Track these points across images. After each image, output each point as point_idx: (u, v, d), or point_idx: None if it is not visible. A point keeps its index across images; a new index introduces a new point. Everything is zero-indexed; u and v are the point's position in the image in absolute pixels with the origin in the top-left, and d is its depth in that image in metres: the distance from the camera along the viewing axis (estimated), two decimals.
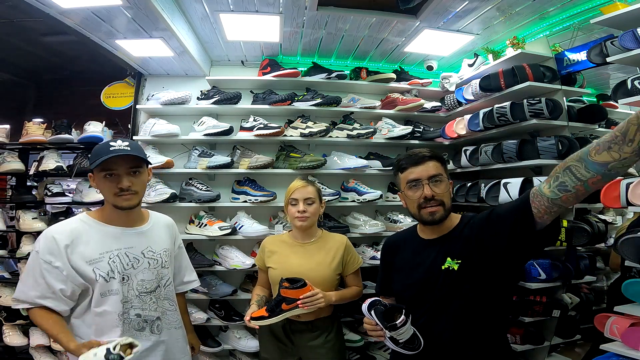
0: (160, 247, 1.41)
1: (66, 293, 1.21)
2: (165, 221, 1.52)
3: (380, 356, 2.40)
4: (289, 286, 1.53)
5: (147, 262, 1.34)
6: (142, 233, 1.38)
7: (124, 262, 1.29)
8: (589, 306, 2.23)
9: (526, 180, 1.98)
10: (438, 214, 1.23)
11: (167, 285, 1.41)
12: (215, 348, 2.34)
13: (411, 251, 1.35)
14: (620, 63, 1.71)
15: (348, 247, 1.79)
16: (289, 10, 2.08)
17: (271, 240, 1.87)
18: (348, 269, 1.77)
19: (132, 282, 1.29)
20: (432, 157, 1.27)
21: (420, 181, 1.24)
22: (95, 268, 1.23)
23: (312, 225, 1.78)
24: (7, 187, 3.37)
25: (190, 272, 1.62)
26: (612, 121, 2.92)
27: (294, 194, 1.73)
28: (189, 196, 2.41)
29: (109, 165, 1.23)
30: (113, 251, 1.28)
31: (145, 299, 1.32)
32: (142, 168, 1.32)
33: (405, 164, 1.28)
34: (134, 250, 1.32)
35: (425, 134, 2.67)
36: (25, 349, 2.43)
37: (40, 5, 1.76)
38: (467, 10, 2.07)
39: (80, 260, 1.22)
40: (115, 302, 1.25)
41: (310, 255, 1.73)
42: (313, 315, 1.65)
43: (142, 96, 2.74)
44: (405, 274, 1.34)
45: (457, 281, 1.18)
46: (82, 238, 1.25)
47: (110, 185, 1.25)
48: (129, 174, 1.27)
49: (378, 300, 1.25)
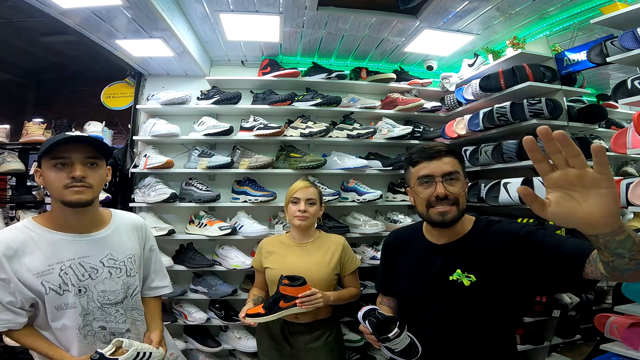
0: (124, 254, 1.23)
1: (16, 305, 1.08)
2: (133, 222, 1.33)
3: (380, 356, 2.40)
4: (289, 283, 1.51)
5: (107, 271, 1.18)
6: (100, 240, 1.19)
7: (79, 273, 1.12)
8: (589, 306, 2.23)
9: (526, 180, 1.98)
10: (449, 215, 1.11)
11: (134, 295, 1.26)
12: (215, 348, 2.34)
13: (416, 254, 1.25)
14: (620, 63, 1.71)
15: (345, 248, 1.78)
16: (289, 10, 2.08)
17: (269, 241, 1.86)
18: (346, 269, 1.76)
19: (91, 293, 1.14)
20: (449, 153, 1.16)
21: (433, 178, 1.13)
22: (44, 281, 1.08)
23: (311, 226, 1.79)
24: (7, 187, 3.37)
25: (162, 278, 1.42)
26: (612, 121, 2.92)
27: (297, 193, 1.74)
28: (189, 196, 2.41)
29: (61, 152, 1.07)
30: (64, 262, 1.11)
31: (109, 310, 1.18)
32: (101, 161, 1.15)
33: (417, 157, 1.16)
34: (91, 260, 1.15)
35: (425, 134, 2.67)
36: (25, 349, 2.42)
37: (40, 5, 1.76)
38: (467, 10, 2.07)
39: (27, 272, 1.07)
40: (74, 315, 1.12)
41: (308, 255, 1.73)
42: (311, 317, 1.64)
43: (142, 96, 2.74)
44: (407, 278, 1.25)
45: (466, 296, 1.09)
46: (28, 247, 1.09)
47: (61, 175, 1.07)
48: (84, 164, 1.10)
49: (373, 310, 1.19)
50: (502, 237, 1.08)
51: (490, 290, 1.07)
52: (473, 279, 1.09)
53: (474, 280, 1.08)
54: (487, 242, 1.10)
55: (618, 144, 1.70)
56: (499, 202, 2.05)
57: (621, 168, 2.99)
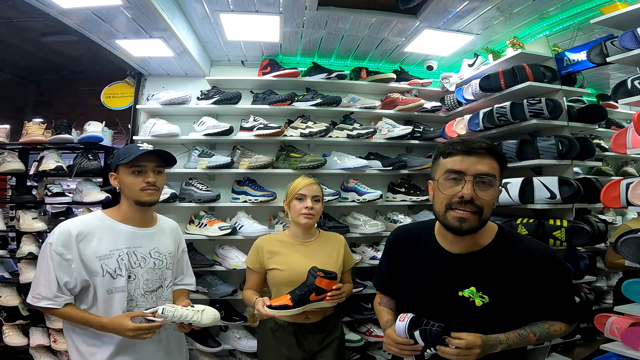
0: (166, 249, 1.46)
1: (69, 286, 1.26)
2: (171, 225, 1.57)
3: (380, 356, 2.40)
4: (324, 276, 1.48)
5: (152, 262, 1.40)
6: (150, 234, 1.43)
7: (132, 261, 1.34)
8: (589, 306, 2.23)
9: (526, 180, 1.98)
10: (468, 222, 0.97)
11: (168, 287, 1.46)
12: (215, 348, 2.33)
13: (424, 258, 1.13)
14: (620, 63, 1.71)
15: (346, 246, 1.82)
16: (289, 10, 2.08)
17: (267, 240, 1.77)
18: (345, 267, 1.79)
19: (138, 280, 1.35)
20: (491, 152, 0.99)
21: (463, 175, 0.97)
22: (103, 264, 1.28)
23: (314, 224, 1.79)
24: (7, 187, 3.38)
25: (190, 277, 1.64)
26: (612, 121, 2.93)
27: (302, 190, 1.69)
28: (189, 196, 2.41)
29: (139, 161, 1.31)
30: (123, 249, 1.33)
31: (148, 297, 1.37)
32: (164, 169, 1.42)
33: (453, 149, 1.00)
34: (142, 250, 1.38)
35: (425, 134, 2.67)
36: (25, 349, 2.42)
37: (40, 5, 1.76)
38: (467, 10, 2.07)
39: (91, 255, 1.28)
40: (121, 299, 1.30)
41: (314, 255, 1.71)
42: (320, 315, 1.64)
43: (142, 96, 2.74)
44: (412, 283, 1.15)
45: (476, 317, 1.01)
46: (96, 234, 1.31)
47: (138, 180, 1.33)
48: (154, 171, 1.36)
49: (419, 318, 1.01)
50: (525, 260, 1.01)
51: (502, 313, 1.00)
52: (487, 300, 1.00)
53: (487, 301, 1.00)
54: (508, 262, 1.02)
55: (618, 144, 1.70)
56: (499, 202, 2.05)
57: (621, 168, 3.00)
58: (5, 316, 2.41)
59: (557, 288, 1.05)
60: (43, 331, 2.39)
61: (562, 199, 1.88)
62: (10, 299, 2.37)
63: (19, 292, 2.39)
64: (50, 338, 2.36)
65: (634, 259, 1.48)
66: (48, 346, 2.36)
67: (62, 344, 2.30)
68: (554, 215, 2.00)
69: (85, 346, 1.30)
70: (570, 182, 1.90)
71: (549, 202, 1.90)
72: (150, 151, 1.34)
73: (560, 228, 1.89)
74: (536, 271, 1.01)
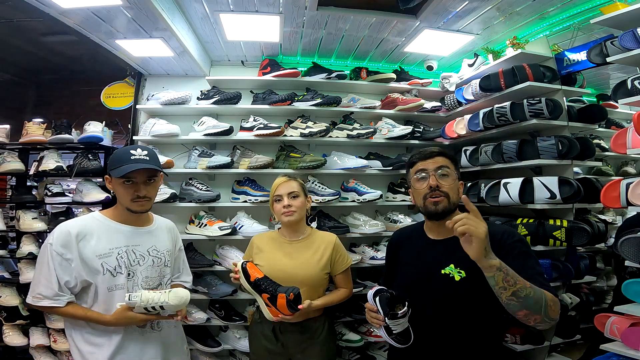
0: (164, 247, 1.49)
1: (70, 285, 1.28)
2: (167, 224, 1.59)
3: (380, 356, 2.40)
4: (287, 299, 1.47)
5: (151, 259, 1.42)
6: (149, 232, 1.46)
7: (131, 259, 1.37)
8: (589, 306, 2.23)
9: (526, 180, 1.98)
10: (441, 204, 1.24)
11: (167, 284, 1.49)
12: (215, 348, 2.34)
13: (415, 249, 1.36)
14: (620, 63, 1.71)
15: (337, 246, 1.76)
16: (289, 10, 2.08)
17: (260, 237, 1.86)
18: (337, 268, 1.74)
19: (137, 278, 1.37)
20: (441, 153, 1.31)
21: (427, 172, 1.27)
22: (103, 262, 1.31)
23: (300, 221, 1.76)
24: (7, 187, 3.37)
25: (187, 275, 1.67)
26: (612, 121, 2.92)
27: (278, 190, 1.74)
28: (189, 196, 2.41)
29: (128, 174, 1.31)
30: (122, 247, 1.36)
31: None
32: (158, 176, 1.42)
33: (415, 159, 1.33)
34: (141, 248, 1.41)
35: (425, 134, 2.67)
36: (25, 348, 2.42)
37: (40, 5, 1.76)
38: (467, 10, 2.07)
39: (91, 253, 1.30)
40: (121, 296, 1.31)
41: (297, 254, 1.71)
42: (302, 317, 1.61)
43: (142, 96, 2.74)
44: (405, 271, 1.36)
45: (456, 290, 1.19)
46: (95, 233, 1.33)
47: (128, 191, 1.34)
48: (145, 183, 1.36)
49: (385, 289, 1.27)
50: (490, 238, 1.10)
51: (477, 286, 1.13)
52: (463, 274, 1.19)
53: (464, 275, 1.19)
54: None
55: (618, 144, 1.70)
56: (499, 202, 2.06)
57: (621, 168, 3.00)
58: (5, 316, 2.41)
59: (519, 255, 1.16)
60: (43, 331, 2.39)
61: (562, 199, 1.88)
62: (10, 299, 2.37)
63: (19, 292, 2.39)
64: (50, 338, 2.36)
65: (634, 259, 1.48)
66: (48, 346, 2.36)
67: (62, 344, 2.30)
68: (554, 215, 2.00)
69: (86, 345, 1.31)
70: (570, 182, 1.90)
71: (549, 202, 1.90)
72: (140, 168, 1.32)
73: (560, 228, 1.89)
74: (498, 244, 1.16)
